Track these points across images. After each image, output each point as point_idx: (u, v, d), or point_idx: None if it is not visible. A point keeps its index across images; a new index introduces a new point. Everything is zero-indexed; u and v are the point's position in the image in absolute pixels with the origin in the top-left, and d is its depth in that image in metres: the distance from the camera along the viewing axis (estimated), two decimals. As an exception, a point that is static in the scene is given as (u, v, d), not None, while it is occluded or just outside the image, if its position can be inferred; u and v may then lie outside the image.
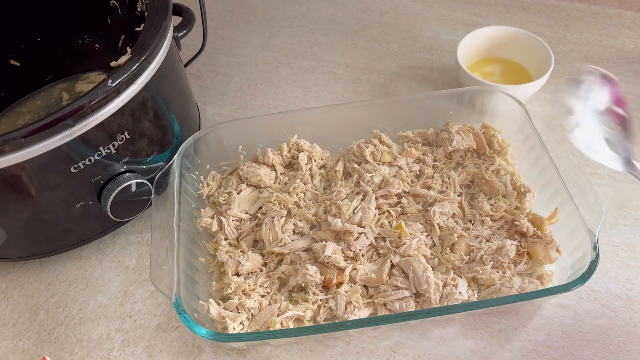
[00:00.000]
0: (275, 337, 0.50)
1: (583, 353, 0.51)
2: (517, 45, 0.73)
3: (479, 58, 0.74)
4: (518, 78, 0.72)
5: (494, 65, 0.74)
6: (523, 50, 0.72)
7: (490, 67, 0.74)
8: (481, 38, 0.73)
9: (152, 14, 0.57)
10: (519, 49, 0.73)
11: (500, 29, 0.73)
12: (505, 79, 0.72)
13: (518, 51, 0.73)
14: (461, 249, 0.55)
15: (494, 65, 0.74)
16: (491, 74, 0.73)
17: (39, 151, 0.48)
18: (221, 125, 0.64)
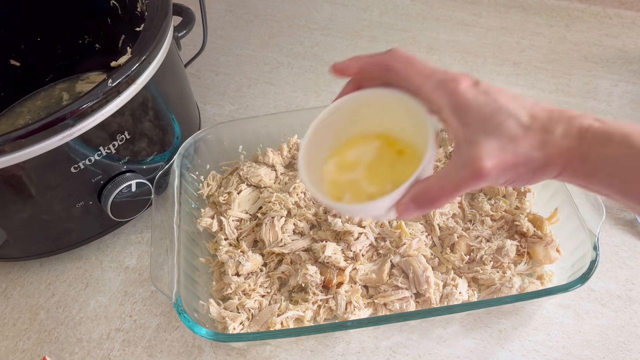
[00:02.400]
0: (275, 337, 0.50)
1: (583, 353, 0.51)
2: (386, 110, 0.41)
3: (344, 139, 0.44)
4: (394, 164, 0.42)
5: (363, 146, 0.43)
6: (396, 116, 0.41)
7: (356, 152, 0.43)
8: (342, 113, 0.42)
9: (152, 14, 0.57)
10: (389, 114, 0.41)
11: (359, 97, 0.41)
12: (374, 171, 0.42)
13: (390, 117, 0.41)
14: (461, 249, 0.55)
15: (363, 148, 0.43)
16: (352, 166, 0.43)
17: (39, 151, 0.48)
18: (221, 125, 0.64)
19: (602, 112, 0.72)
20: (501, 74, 0.79)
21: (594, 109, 0.73)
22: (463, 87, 0.34)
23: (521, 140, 0.33)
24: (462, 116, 0.34)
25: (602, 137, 0.31)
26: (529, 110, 0.33)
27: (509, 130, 0.33)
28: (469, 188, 0.34)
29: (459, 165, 0.34)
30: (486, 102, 0.34)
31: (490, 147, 0.33)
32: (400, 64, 0.37)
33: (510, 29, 0.86)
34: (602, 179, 0.32)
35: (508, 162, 0.33)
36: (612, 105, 0.73)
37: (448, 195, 0.35)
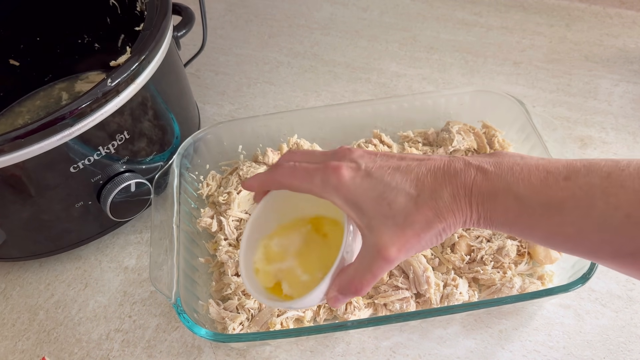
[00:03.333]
0: (275, 337, 0.49)
1: (584, 353, 0.51)
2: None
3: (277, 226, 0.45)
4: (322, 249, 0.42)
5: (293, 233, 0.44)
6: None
7: (285, 239, 0.44)
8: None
9: (152, 14, 0.57)
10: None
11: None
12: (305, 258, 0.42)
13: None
14: (462, 249, 0.55)
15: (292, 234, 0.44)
16: (282, 254, 0.43)
17: (38, 151, 0.48)
18: (221, 125, 0.64)
19: (603, 111, 0.72)
20: (501, 74, 0.79)
21: (594, 109, 0.73)
22: (344, 179, 0.35)
23: (415, 215, 0.33)
24: (354, 207, 0.35)
25: (487, 194, 0.31)
26: (415, 179, 0.33)
27: (400, 209, 0.33)
28: (385, 272, 0.35)
29: (368, 254, 0.35)
30: (371, 185, 0.34)
31: (389, 233, 0.33)
32: (285, 179, 0.38)
33: (511, 28, 0.86)
34: (502, 229, 0.33)
35: (410, 240, 0.33)
36: (612, 105, 0.73)
37: (369, 283, 0.35)
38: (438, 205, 0.33)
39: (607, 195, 0.28)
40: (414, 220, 0.33)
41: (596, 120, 0.71)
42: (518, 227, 0.31)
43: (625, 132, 0.69)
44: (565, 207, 0.29)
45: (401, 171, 0.34)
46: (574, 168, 0.30)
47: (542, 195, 0.30)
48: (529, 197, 0.30)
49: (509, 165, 0.32)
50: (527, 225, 0.31)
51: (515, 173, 0.31)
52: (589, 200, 0.28)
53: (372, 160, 0.35)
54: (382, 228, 0.33)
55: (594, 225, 0.28)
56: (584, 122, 0.71)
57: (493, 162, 0.32)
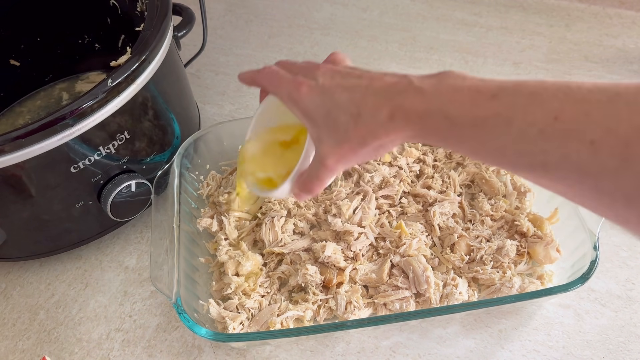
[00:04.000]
0: (275, 337, 0.50)
1: (583, 353, 0.51)
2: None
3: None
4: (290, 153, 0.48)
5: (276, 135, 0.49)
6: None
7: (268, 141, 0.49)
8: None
9: (152, 14, 0.57)
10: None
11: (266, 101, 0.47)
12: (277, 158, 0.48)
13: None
14: (461, 249, 0.55)
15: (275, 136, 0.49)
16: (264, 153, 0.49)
17: (38, 151, 0.48)
18: (221, 125, 0.64)
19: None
20: (501, 74, 0.79)
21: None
22: (303, 93, 0.39)
23: (352, 132, 0.36)
24: (309, 119, 0.39)
25: (421, 114, 0.34)
26: (359, 99, 0.36)
27: (342, 125, 0.37)
28: (329, 178, 0.40)
29: (316, 162, 0.40)
30: (323, 101, 0.38)
31: (331, 145, 0.38)
32: (264, 82, 0.43)
33: (511, 28, 0.86)
34: (436, 144, 0.37)
35: (347, 154, 0.38)
36: (612, 105, 0.73)
37: (318, 186, 0.41)
38: (374, 125, 0.36)
39: (526, 113, 0.30)
40: (351, 137, 0.37)
41: (596, 121, 0.71)
42: (449, 142, 0.34)
43: (625, 132, 0.69)
44: (488, 124, 0.31)
45: (350, 90, 0.37)
46: (503, 87, 0.32)
47: (469, 114, 0.32)
48: (458, 116, 0.33)
49: (446, 87, 0.34)
50: (457, 141, 0.34)
51: (450, 94, 0.33)
52: (509, 118, 0.31)
53: (331, 78, 0.38)
54: (327, 140, 0.38)
55: (512, 140, 0.31)
56: (583, 122, 0.71)
57: (433, 82, 0.34)
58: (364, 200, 0.59)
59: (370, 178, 0.60)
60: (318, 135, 0.39)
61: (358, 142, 0.37)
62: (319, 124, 0.38)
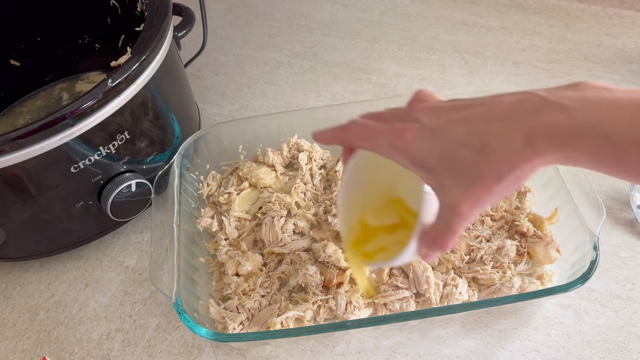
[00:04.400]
0: (275, 337, 0.50)
1: (583, 353, 0.51)
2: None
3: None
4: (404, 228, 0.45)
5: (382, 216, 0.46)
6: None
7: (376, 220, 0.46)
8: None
9: (152, 14, 0.57)
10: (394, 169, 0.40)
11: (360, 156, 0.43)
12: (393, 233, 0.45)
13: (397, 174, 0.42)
14: (461, 249, 0.55)
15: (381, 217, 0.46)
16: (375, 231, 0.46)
17: (39, 151, 0.48)
18: (221, 125, 0.64)
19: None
20: (501, 74, 0.79)
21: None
22: (409, 140, 0.34)
23: (483, 168, 0.32)
24: (423, 168, 0.34)
25: (570, 134, 0.30)
26: (480, 129, 0.32)
27: (467, 164, 0.32)
28: (464, 227, 0.35)
29: (444, 213, 0.35)
30: (436, 142, 0.33)
31: (460, 190, 0.33)
32: (353, 137, 0.38)
33: (510, 28, 0.86)
34: (587, 167, 0.31)
35: (482, 195, 0.33)
36: (612, 105, 0.73)
37: (451, 239, 0.35)
38: (508, 154, 0.31)
39: None
40: (483, 174, 0.32)
41: (596, 121, 0.71)
42: (607, 166, 0.30)
43: (625, 132, 0.69)
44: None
45: (465, 122, 0.32)
46: None
47: (633, 132, 0.28)
48: (619, 135, 0.28)
49: (594, 100, 0.29)
50: (617, 164, 0.29)
51: (602, 109, 0.29)
52: None
53: (436, 115, 0.34)
54: (453, 186, 0.33)
55: None
56: (583, 122, 0.71)
57: (575, 96, 0.30)
58: (364, 200, 0.59)
59: (370, 178, 0.60)
60: (439, 182, 0.34)
61: (493, 178, 0.32)
62: (437, 169, 0.33)
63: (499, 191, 0.32)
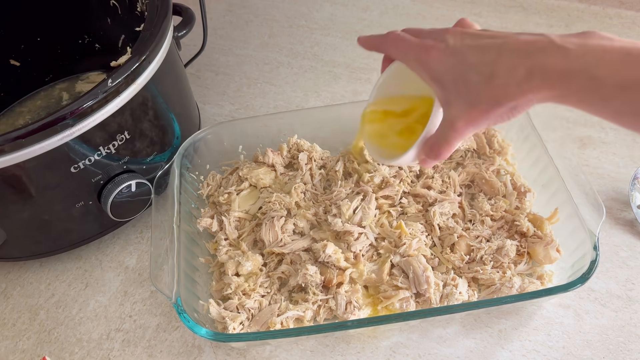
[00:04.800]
0: (275, 337, 0.50)
1: (583, 353, 0.51)
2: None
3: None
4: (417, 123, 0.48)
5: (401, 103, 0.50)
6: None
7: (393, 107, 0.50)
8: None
9: (152, 14, 0.57)
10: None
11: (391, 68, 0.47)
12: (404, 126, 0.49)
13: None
14: (461, 249, 0.55)
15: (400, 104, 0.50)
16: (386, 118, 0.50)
17: (39, 151, 0.48)
18: (221, 125, 0.64)
19: (602, 112, 0.72)
20: (501, 74, 0.79)
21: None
22: (432, 56, 0.38)
23: (484, 93, 0.35)
24: (438, 82, 0.38)
25: (563, 73, 0.33)
26: (492, 58, 0.35)
27: (473, 87, 0.36)
28: (457, 142, 0.39)
29: (444, 126, 0.39)
30: (454, 64, 0.37)
31: (460, 108, 0.37)
32: (390, 47, 0.43)
33: (510, 28, 0.86)
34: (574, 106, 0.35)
35: (478, 116, 0.36)
36: (612, 105, 0.73)
37: (446, 150, 0.40)
38: (509, 84, 0.34)
39: None
40: (483, 98, 0.35)
41: (595, 120, 0.71)
42: (591, 104, 0.33)
43: (624, 132, 0.69)
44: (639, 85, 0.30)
45: (483, 50, 0.35)
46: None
47: (618, 75, 0.31)
48: (606, 77, 0.31)
49: (592, 46, 0.32)
50: (600, 103, 0.32)
51: (597, 54, 0.32)
52: None
53: (461, 39, 0.37)
54: (456, 103, 0.37)
55: None
56: (583, 122, 0.71)
57: (578, 42, 0.33)
58: (364, 200, 0.59)
59: (370, 178, 0.60)
60: (447, 98, 0.38)
61: (491, 103, 0.35)
62: (449, 86, 0.37)
63: (493, 116, 0.37)
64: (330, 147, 0.66)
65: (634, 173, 0.62)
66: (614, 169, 0.65)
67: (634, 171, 0.63)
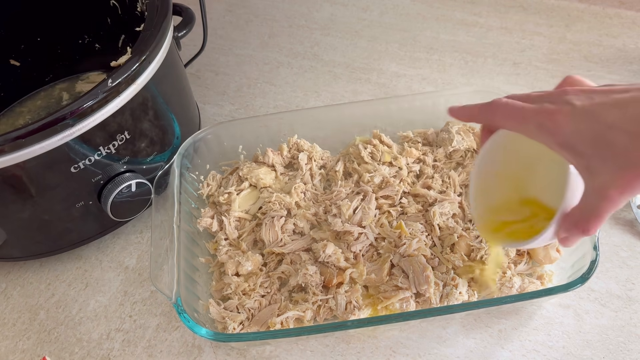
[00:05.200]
0: (275, 337, 0.50)
1: (583, 353, 0.51)
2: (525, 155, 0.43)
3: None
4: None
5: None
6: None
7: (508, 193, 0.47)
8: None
9: (152, 14, 0.57)
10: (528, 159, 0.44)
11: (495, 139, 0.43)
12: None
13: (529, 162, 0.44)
14: (461, 249, 0.55)
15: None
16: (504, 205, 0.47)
17: (39, 151, 0.48)
18: (221, 125, 0.64)
19: (602, 112, 0.72)
20: (501, 74, 0.79)
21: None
22: (560, 121, 0.34)
23: (635, 152, 0.31)
24: (571, 150, 0.34)
25: None
26: (635, 114, 0.31)
27: (620, 148, 0.32)
28: (611, 212, 0.34)
29: (591, 197, 0.34)
30: (588, 125, 0.33)
31: (610, 174, 0.32)
32: (500, 117, 0.38)
33: (510, 28, 0.86)
34: None
35: (634, 181, 0.32)
36: (612, 105, 0.73)
37: (596, 224, 0.35)
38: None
39: None
40: (636, 160, 0.31)
41: (596, 121, 0.71)
42: None
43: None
44: None
45: (620, 106, 0.32)
46: None
47: None
48: None
49: None
50: None
51: None
52: None
53: (589, 98, 0.34)
54: (603, 169, 0.33)
55: None
56: (583, 122, 0.71)
57: None
58: (364, 200, 0.59)
59: (370, 178, 0.60)
60: (587, 165, 0.34)
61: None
62: (587, 152, 0.33)
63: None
64: (330, 147, 0.66)
65: (634, 173, 0.62)
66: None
67: (634, 171, 0.63)
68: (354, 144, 0.65)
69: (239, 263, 0.55)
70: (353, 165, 0.63)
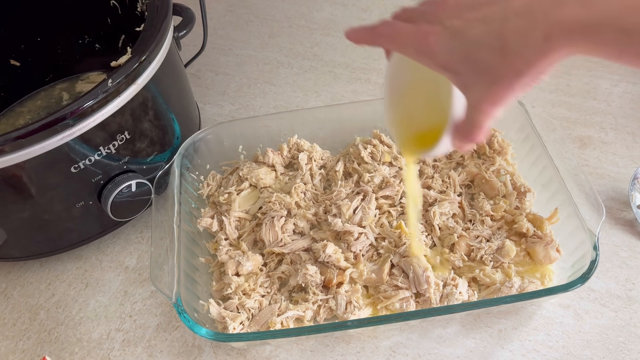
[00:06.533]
0: (275, 337, 0.50)
1: (583, 353, 0.51)
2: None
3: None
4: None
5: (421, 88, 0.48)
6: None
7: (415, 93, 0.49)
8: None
9: (152, 14, 0.57)
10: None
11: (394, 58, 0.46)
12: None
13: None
14: (461, 249, 0.55)
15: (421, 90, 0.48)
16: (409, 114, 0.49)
17: (39, 151, 0.48)
18: (221, 125, 0.64)
19: (602, 112, 0.72)
20: (501, 74, 0.79)
21: (593, 109, 0.73)
22: (433, 43, 0.35)
23: (502, 68, 0.32)
24: (448, 70, 0.35)
25: (588, 28, 0.29)
26: (498, 28, 0.32)
27: (487, 64, 0.33)
28: (489, 122, 0.36)
29: (471, 110, 0.36)
30: (458, 44, 0.34)
31: (481, 89, 0.34)
32: (384, 42, 0.40)
33: (510, 29, 0.86)
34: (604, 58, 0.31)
35: (502, 93, 0.33)
36: (611, 105, 0.73)
37: (481, 132, 0.37)
38: (526, 52, 0.31)
39: None
40: (502, 74, 0.32)
41: (595, 121, 0.71)
42: (624, 58, 0.30)
43: (625, 132, 0.69)
44: None
45: (485, 22, 0.32)
46: None
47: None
48: (638, 28, 0.28)
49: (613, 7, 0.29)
50: (636, 57, 0.29)
51: (623, 1, 0.28)
52: None
53: (458, 15, 0.34)
54: (475, 86, 0.34)
55: None
56: (583, 122, 0.71)
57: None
58: (364, 200, 0.59)
59: (370, 178, 0.60)
60: (463, 83, 0.35)
61: (511, 77, 0.32)
62: (460, 70, 0.34)
63: (518, 88, 0.33)
64: (330, 147, 0.66)
65: (634, 173, 0.62)
66: (613, 169, 0.65)
67: (633, 171, 0.63)
68: (354, 144, 0.65)
69: (239, 263, 0.55)
70: (353, 165, 0.63)
